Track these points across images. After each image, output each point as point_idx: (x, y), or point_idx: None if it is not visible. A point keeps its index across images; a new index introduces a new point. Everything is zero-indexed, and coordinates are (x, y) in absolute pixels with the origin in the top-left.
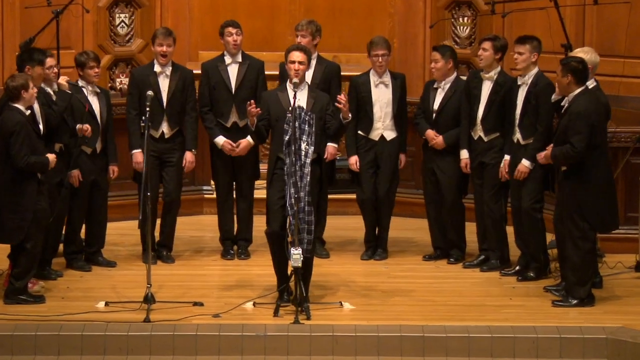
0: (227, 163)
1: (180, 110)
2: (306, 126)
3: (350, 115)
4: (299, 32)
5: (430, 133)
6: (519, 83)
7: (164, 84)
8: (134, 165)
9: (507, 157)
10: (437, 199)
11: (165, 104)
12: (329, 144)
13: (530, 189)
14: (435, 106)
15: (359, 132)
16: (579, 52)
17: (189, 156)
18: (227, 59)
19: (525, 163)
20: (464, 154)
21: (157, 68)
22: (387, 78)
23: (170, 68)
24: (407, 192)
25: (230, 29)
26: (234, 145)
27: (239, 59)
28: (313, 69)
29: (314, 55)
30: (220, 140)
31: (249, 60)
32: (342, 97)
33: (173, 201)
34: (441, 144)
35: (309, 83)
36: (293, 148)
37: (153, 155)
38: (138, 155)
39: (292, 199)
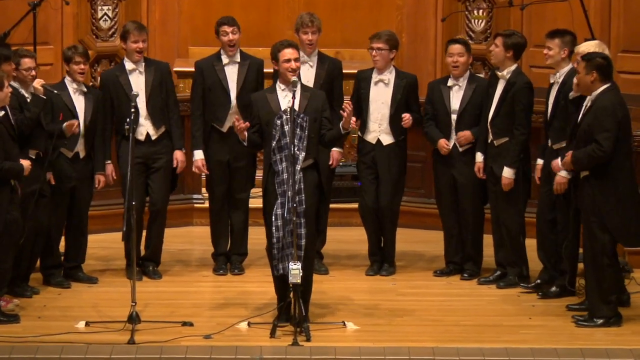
0: (223, 170)
1: (162, 106)
2: (298, 129)
3: (350, 125)
4: (307, 28)
5: (442, 143)
6: (551, 82)
7: (138, 81)
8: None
9: (540, 162)
10: (456, 208)
11: (144, 102)
12: (333, 148)
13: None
14: (455, 106)
15: (358, 132)
16: (585, 46)
17: (179, 155)
18: (225, 59)
19: (563, 174)
20: (479, 156)
21: (128, 66)
22: (388, 76)
23: (143, 64)
24: (415, 202)
25: (226, 28)
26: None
27: (238, 58)
28: (315, 68)
29: (314, 52)
30: (197, 155)
31: (249, 59)
32: (347, 106)
33: (160, 210)
34: (469, 138)
35: (305, 82)
36: (283, 154)
37: (139, 162)
38: (108, 167)
39: (280, 210)
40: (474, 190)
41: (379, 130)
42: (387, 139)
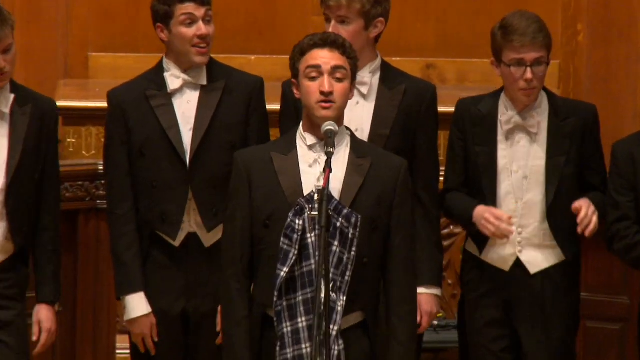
0: (174, 332)
1: (27, 199)
2: (335, 244)
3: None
4: (328, 10)
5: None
6: None
7: None
8: None
9: None
10: None
11: None
12: (421, 289)
13: None
14: None
15: (467, 247)
16: None
17: (44, 314)
18: (174, 80)
19: None
20: None
21: None
22: (536, 117)
23: (10, 98)
24: None
25: (190, 7)
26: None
27: (203, 78)
28: (373, 99)
29: (375, 64)
30: (138, 306)
31: (225, 76)
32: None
33: None
34: None
35: (352, 128)
36: (300, 297)
37: None
38: None
39: None
40: None
41: (518, 241)
42: (539, 260)
